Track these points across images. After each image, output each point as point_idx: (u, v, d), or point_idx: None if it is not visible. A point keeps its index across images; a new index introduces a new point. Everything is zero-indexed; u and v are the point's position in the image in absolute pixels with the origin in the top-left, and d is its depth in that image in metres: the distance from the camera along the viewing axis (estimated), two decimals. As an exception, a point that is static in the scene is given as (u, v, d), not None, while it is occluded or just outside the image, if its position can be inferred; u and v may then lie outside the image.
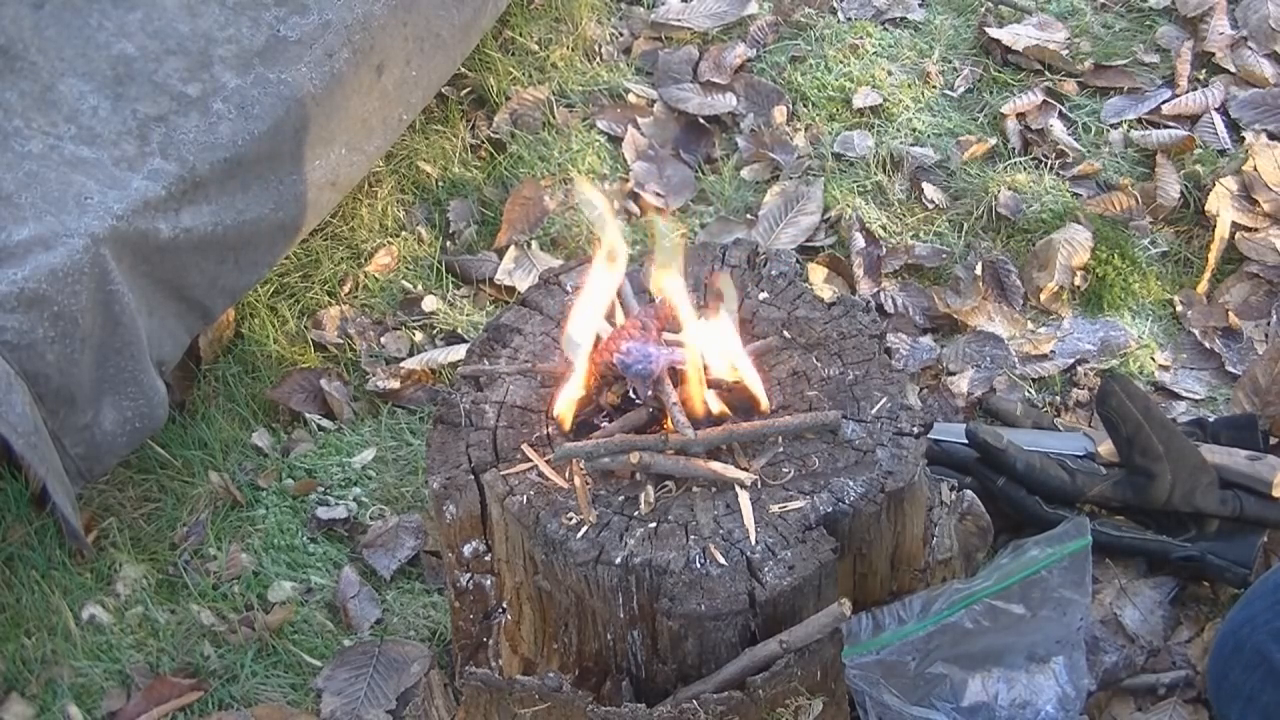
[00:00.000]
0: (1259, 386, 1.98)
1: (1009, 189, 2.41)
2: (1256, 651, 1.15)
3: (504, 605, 1.50)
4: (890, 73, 2.67)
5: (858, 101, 2.60)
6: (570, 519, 1.38)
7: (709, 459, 1.43)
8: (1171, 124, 2.52)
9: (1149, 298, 2.27)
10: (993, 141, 2.51)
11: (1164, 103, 2.56)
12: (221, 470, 2.07)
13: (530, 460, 1.45)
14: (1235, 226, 2.31)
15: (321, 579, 1.94)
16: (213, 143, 1.93)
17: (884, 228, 2.39)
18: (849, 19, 2.82)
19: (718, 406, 1.47)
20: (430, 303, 2.32)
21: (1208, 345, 2.18)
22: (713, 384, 1.48)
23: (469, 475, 1.45)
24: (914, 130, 2.55)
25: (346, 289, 2.35)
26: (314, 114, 2.06)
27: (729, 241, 1.80)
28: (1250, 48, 2.65)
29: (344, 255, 2.39)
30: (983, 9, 2.78)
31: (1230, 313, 2.22)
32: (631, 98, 2.67)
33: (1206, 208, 2.34)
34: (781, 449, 1.45)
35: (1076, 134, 2.54)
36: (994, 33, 2.70)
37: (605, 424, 1.47)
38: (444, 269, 2.38)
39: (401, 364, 2.23)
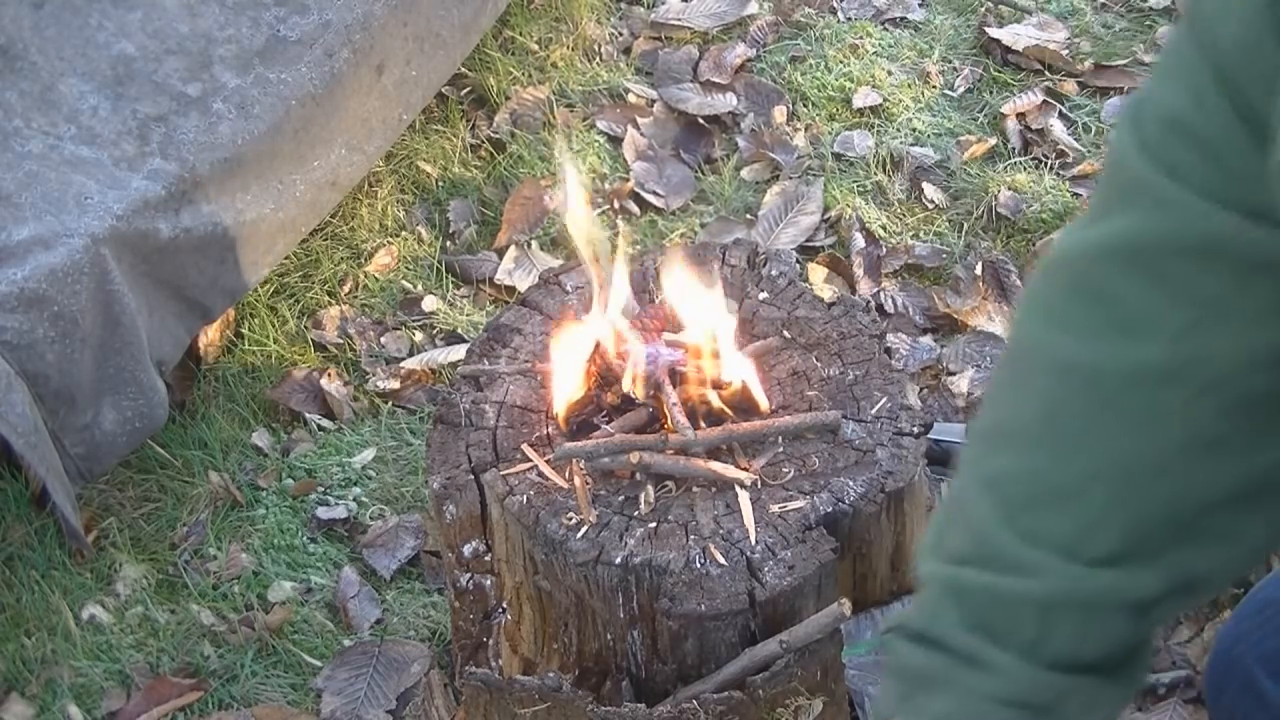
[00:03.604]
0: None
1: (1009, 189, 2.41)
2: (1246, 675, 1.14)
3: (504, 605, 1.50)
4: (890, 73, 2.67)
5: (858, 101, 2.60)
6: (570, 519, 1.38)
7: (709, 459, 1.42)
8: (1171, 124, 2.52)
9: (1149, 298, 2.27)
10: (993, 141, 2.51)
11: (1164, 103, 2.56)
12: (221, 470, 2.07)
13: (530, 460, 1.45)
14: (1235, 226, 2.31)
15: (321, 579, 1.94)
16: (213, 143, 1.93)
17: (884, 228, 2.38)
18: (849, 19, 2.82)
19: (718, 406, 1.47)
20: (430, 303, 2.32)
21: (1208, 345, 2.17)
22: (714, 384, 1.48)
23: (469, 475, 1.45)
24: (914, 130, 2.55)
25: (346, 289, 2.34)
26: (314, 114, 2.06)
27: (729, 241, 1.80)
28: (1250, 48, 2.65)
29: (344, 255, 2.38)
30: (983, 9, 2.78)
31: (1230, 313, 2.21)
32: (631, 98, 2.67)
33: (1206, 207, 2.34)
34: (781, 449, 1.45)
35: (1076, 134, 2.53)
36: (994, 33, 2.70)
37: (605, 424, 1.47)
38: (444, 269, 2.38)
39: (401, 364, 2.22)
